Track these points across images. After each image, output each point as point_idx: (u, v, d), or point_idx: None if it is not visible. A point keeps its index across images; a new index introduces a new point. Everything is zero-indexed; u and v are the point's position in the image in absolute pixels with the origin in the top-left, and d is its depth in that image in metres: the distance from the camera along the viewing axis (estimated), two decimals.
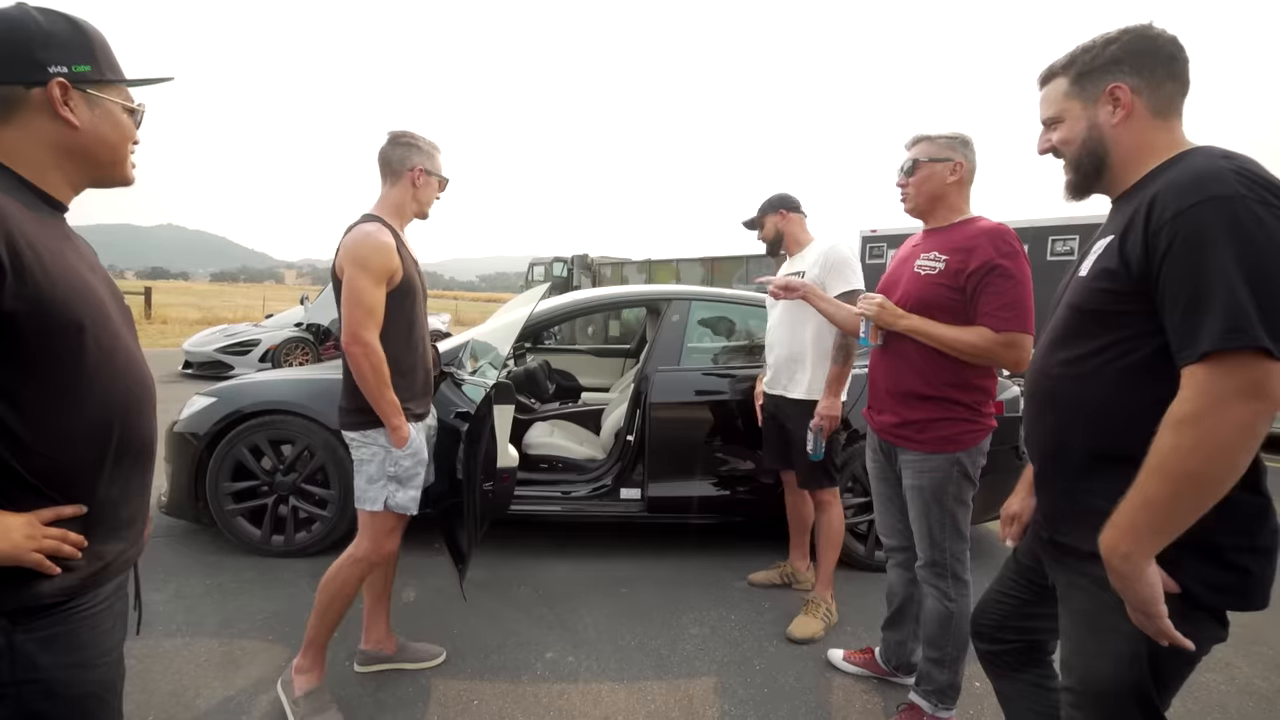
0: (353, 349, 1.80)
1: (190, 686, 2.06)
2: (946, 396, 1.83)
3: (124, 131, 1.00)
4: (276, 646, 2.31)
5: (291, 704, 1.92)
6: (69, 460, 0.90)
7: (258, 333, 8.86)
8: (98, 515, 0.93)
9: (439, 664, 2.26)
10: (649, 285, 6.35)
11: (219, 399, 3.02)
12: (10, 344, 0.83)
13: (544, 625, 2.56)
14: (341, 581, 1.93)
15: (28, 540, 0.84)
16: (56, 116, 0.92)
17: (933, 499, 1.87)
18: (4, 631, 0.84)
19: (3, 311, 0.81)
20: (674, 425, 3.15)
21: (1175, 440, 0.93)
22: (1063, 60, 1.19)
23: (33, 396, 0.85)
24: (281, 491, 3.01)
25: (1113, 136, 1.13)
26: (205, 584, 2.73)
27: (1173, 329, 0.97)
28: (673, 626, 2.59)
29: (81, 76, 0.93)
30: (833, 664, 2.35)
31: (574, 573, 3.03)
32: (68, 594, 0.90)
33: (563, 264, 15.79)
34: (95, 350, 0.90)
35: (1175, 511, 0.94)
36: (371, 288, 1.81)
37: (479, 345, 2.76)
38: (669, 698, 2.14)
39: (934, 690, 1.94)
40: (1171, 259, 0.95)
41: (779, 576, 3.01)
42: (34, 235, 0.85)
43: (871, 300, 1.92)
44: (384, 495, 1.91)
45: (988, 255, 1.75)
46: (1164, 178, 1.03)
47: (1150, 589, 0.97)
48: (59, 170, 0.95)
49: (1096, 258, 1.10)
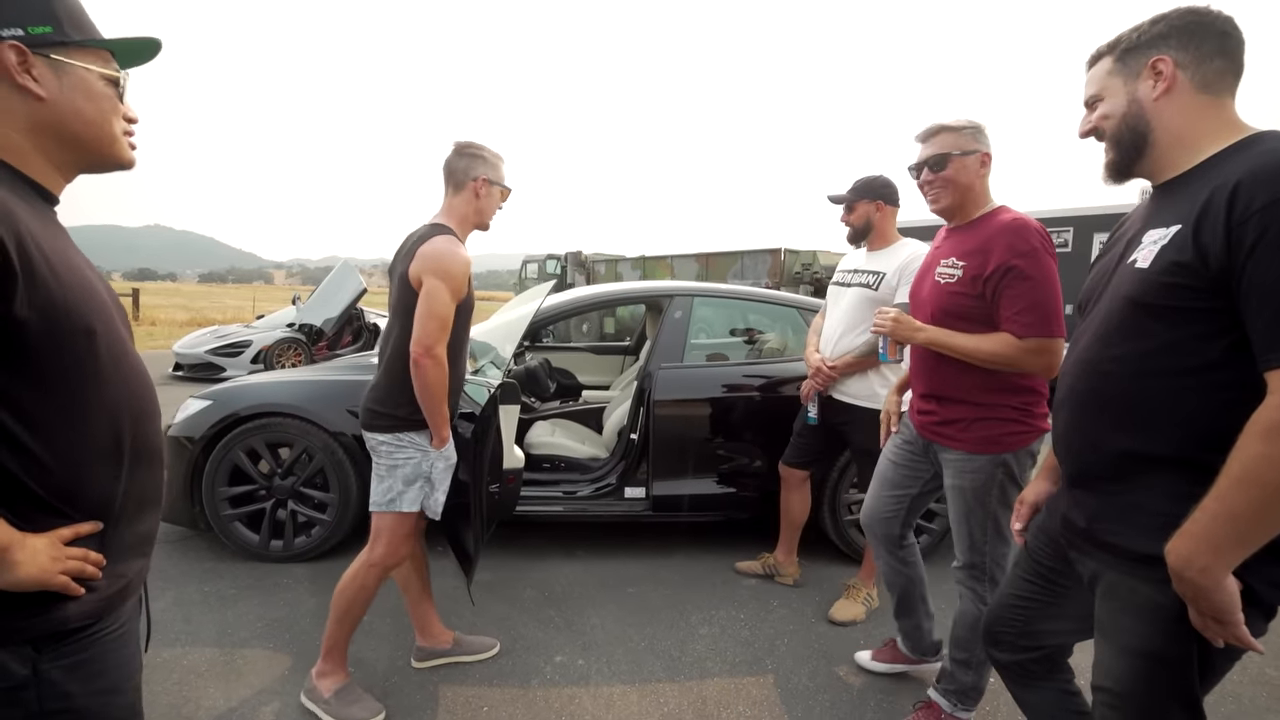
0: (424, 360, 1.78)
1: (191, 698, 2.01)
2: (985, 401, 1.74)
3: (102, 103, 0.88)
4: (279, 655, 2.25)
5: (323, 704, 1.92)
6: (84, 474, 0.84)
7: (249, 334, 8.73)
8: (115, 531, 0.88)
9: (493, 655, 2.29)
10: (651, 282, 6.30)
11: (214, 401, 2.95)
12: (20, 354, 0.76)
13: (551, 628, 2.52)
14: (359, 587, 1.92)
15: (53, 562, 0.79)
16: (16, 87, 0.81)
17: (975, 501, 1.78)
18: (30, 661, 0.79)
19: (13, 320, 0.74)
20: (678, 423, 3.11)
21: (1266, 449, 0.87)
22: (1109, 41, 1.16)
23: (44, 408, 0.79)
24: (280, 495, 2.95)
25: (1154, 110, 1.09)
26: (203, 591, 2.67)
27: (1259, 329, 0.91)
28: (682, 627, 2.55)
29: (41, 39, 0.81)
30: (863, 666, 2.30)
31: (579, 573, 2.99)
32: (92, 617, 0.85)
33: (556, 261, 15.70)
34: (106, 356, 0.84)
35: (1262, 524, 0.90)
36: (449, 302, 1.81)
37: (479, 344, 2.71)
38: (682, 700, 2.10)
39: (955, 690, 1.91)
40: (1261, 253, 0.89)
41: (761, 567, 3.00)
42: (39, 233, 0.78)
43: (886, 315, 1.84)
44: (420, 496, 1.93)
45: (1002, 257, 1.65)
46: (1239, 162, 0.97)
47: (1230, 598, 0.92)
48: (41, 154, 0.85)
49: (1161, 248, 1.02)
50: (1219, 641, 0.97)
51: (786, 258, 10.88)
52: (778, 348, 3.53)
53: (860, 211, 2.52)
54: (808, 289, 9.75)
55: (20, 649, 0.79)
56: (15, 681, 0.79)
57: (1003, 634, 1.41)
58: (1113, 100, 1.14)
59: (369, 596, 1.94)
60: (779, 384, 3.15)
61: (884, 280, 2.43)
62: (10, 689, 0.79)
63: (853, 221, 2.55)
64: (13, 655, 0.79)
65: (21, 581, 0.77)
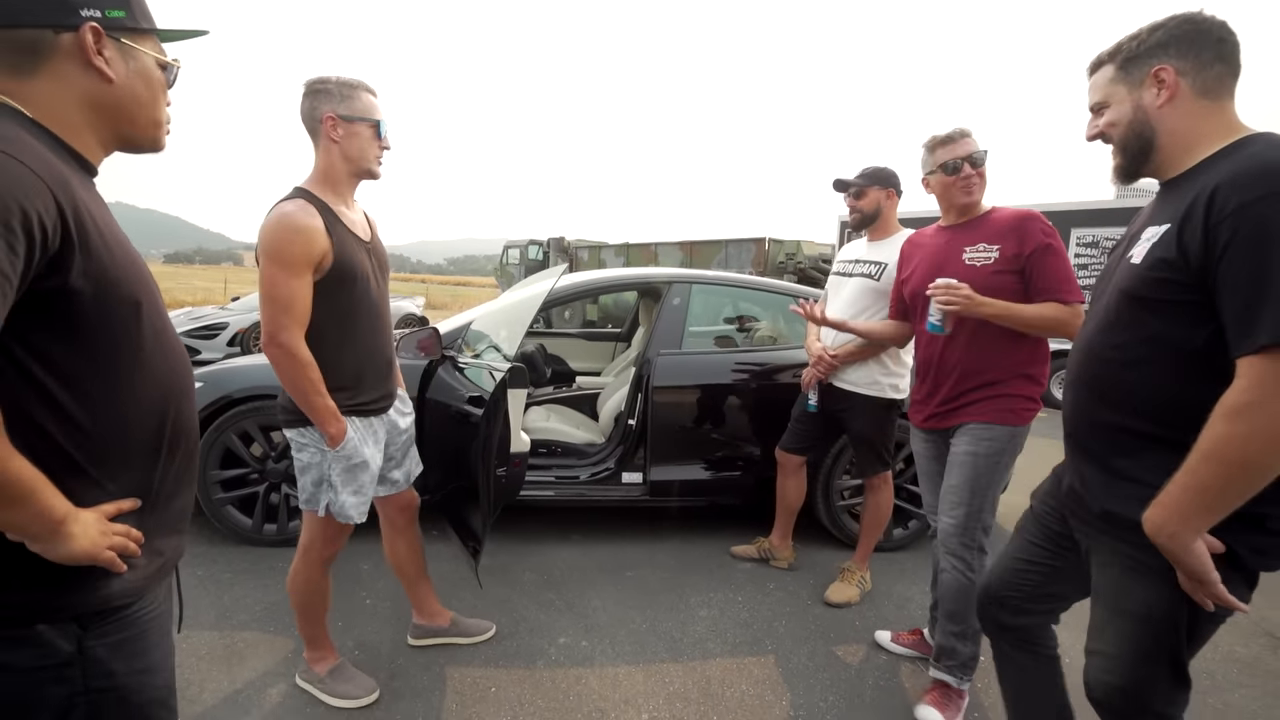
0: (270, 350, 1.59)
1: (194, 681, 1.99)
2: (1006, 377, 1.91)
3: (156, 90, 0.91)
4: (278, 638, 2.24)
5: (318, 683, 1.93)
6: (128, 451, 0.84)
7: (225, 316, 8.52)
8: (154, 509, 0.88)
9: (489, 638, 2.30)
10: (649, 268, 6.29)
11: (205, 383, 2.89)
12: (71, 324, 0.76)
13: (553, 610, 2.54)
14: (304, 580, 1.89)
15: (102, 537, 0.78)
16: (89, 66, 0.82)
17: (987, 466, 1.90)
18: (75, 638, 0.79)
19: (67, 290, 0.74)
20: (676, 409, 3.13)
21: (1229, 429, 0.96)
22: (1110, 49, 1.21)
23: (92, 380, 0.79)
24: (273, 479, 2.91)
25: (1158, 117, 1.15)
26: (198, 575, 2.63)
27: (1230, 321, 0.99)
28: (681, 609, 2.59)
29: (116, 23, 0.83)
30: (882, 645, 2.38)
31: (577, 557, 3.01)
32: (133, 595, 0.85)
33: (538, 247, 15.58)
34: (149, 330, 0.84)
35: (1226, 496, 0.98)
36: (287, 280, 1.57)
37: (477, 332, 2.70)
38: (687, 679, 2.14)
39: (958, 664, 1.98)
40: (1233, 252, 0.97)
41: (757, 551, 3.05)
42: (89, 203, 0.78)
43: (958, 291, 1.82)
44: (325, 500, 1.77)
45: (1039, 238, 1.85)
46: (1224, 166, 1.04)
47: (1199, 560, 1.01)
48: (92, 131, 0.86)
49: (1151, 246, 1.11)
50: (1208, 605, 1.05)
51: (770, 247, 10.96)
52: (774, 335, 3.57)
53: (871, 198, 2.57)
54: (791, 278, 9.84)
55: (66, 626, 0.79)
56: (62, 658, 0.79)
57: (1010, 598, 1.47)
58: (1118, 107, 1.20)
59: (320, 588, 1.90)
60: (776, 371, 3.20)
61: (886, 270, 2.47)
62: (57, 666, 0.79)
63: (863, 207, 2.59)
64: (59, 632, 0.79)
65: (74, 554, 0.76)
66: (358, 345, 1.76)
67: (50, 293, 0.73)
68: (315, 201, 1.65)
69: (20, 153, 0.72)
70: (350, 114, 1.66)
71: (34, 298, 0.72)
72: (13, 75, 0.80)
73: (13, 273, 0.68)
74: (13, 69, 0.80)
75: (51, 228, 0.71)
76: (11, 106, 0.79)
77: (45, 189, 0.71)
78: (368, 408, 1.81)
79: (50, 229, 0.71)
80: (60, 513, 0.74)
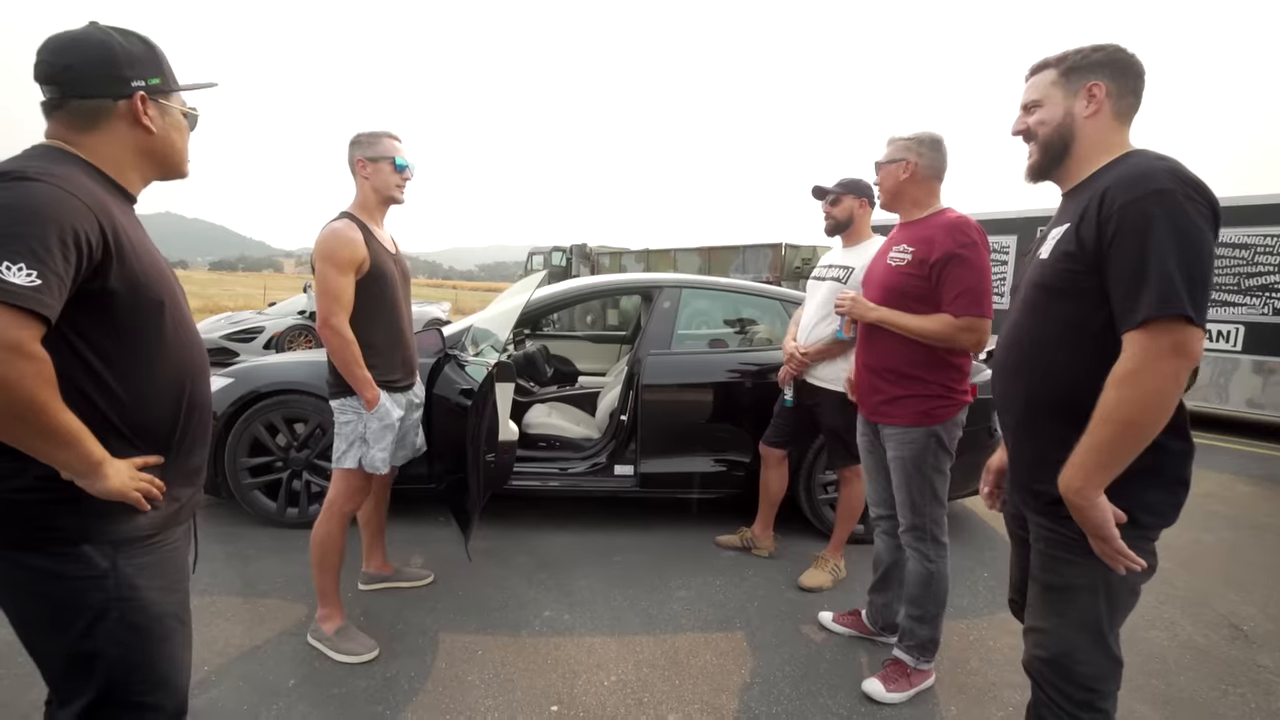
0: (323, 332, 2.06)
1: (220, 637, 2.27)
2: (919, 376, 2.01)
3: (184, 134, 1.18)
4: (297, 605, 2.51)
5: (326, 641, 2.21)
6: (153, 416, 1.09)
7: (261, 320, 9.02)
8: (173, 464, 1.12)
9: (428, 583, 2.72)
10: (642, 274, 6.51)
11: (236, 379, 3.20)
12: (110, 317, 1.01)
13: (542, 588, 2.76)
14: (325, 534, 2.20)
15: (132, 480, 1.03)
16: (137, 124, 1.09)
17: (914, 468, 2.04)
18: (110, 558, 1.04)
19: (107, 290, 0.99)
20: (665, 406, 3.33)
21: (1119, 394, 1.12)
22: (1055, 56, 1.35)
23: (126, 361, 1.04)
24: (295, 467, 3.20)
25: (1081, 126, 1.30)
26: (226, 550, 2.93)
27: (1117, 301, 1.15)
28: (661, 590, 2.79)
29: (155, 88, 1.10)
30: (824, 625, 2.54)
31: (570, 543, 3.23)
32: (157, 528, 1.10)
33: (562, 253, 15.91)
34: (172, 324, 1.09)
35: (1119, 452, 1.13)
36: (336, 277, 2.03)
37: (480, 330, 2.95)
38: (656, 649, 2.34)
39: (916, 645, 2.12)
40: (1119, 240, 1.14)
41: (740, 541, 3.23)
42: (126, 225, 1.03)
43: (846, 296, 2.09)
44: (359, 454, 2.17)
45: (947, 247, 1.94)
46: (1114, 172, 1.21)
47: (1102, 513, 1.15)
48: (135, 169, 1.13)
49: (1056, 242, 1.27)
50: (1119, 568, 1.17)
51: (787, 252, 11.07)
52: (766, 338, 3.74)
53: (845, 205, 2.74)
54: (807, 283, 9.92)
55: (104, 548, 1.04)
56: (98, 571, 1.04)
57: (1015, 600, 1.54)
58: (1051, 109, 1.33)
59: (337, 542, 2.22)
60: (759, 371, 3.37)
61: (853, 275, 2.64)
62: (96, 577, 1.04)
63: (837, 214, 2.76)
64: (99, 551, 1.04)
65: (109, 490, 1.01)
66: (388, 331, 2.21)
67: (94, 292, 0.98)
68: (356, 221, 2.14)
69: (74, 188, 0.97)
70: (374, 155, 2.16)
71: (82, 296, 0.97)
72: (77, 131, 1.06)
73: (67, 276, 0.92)
74: (78, 127, 1.06)
75: (95, 243, 0.96)
76: (71, 152, 1.06)
77: (91, 214, 0.96)
78: (394, 384, 2.24)
79: (94, 244, 0.96)
80: (98, 456, 0.99)
